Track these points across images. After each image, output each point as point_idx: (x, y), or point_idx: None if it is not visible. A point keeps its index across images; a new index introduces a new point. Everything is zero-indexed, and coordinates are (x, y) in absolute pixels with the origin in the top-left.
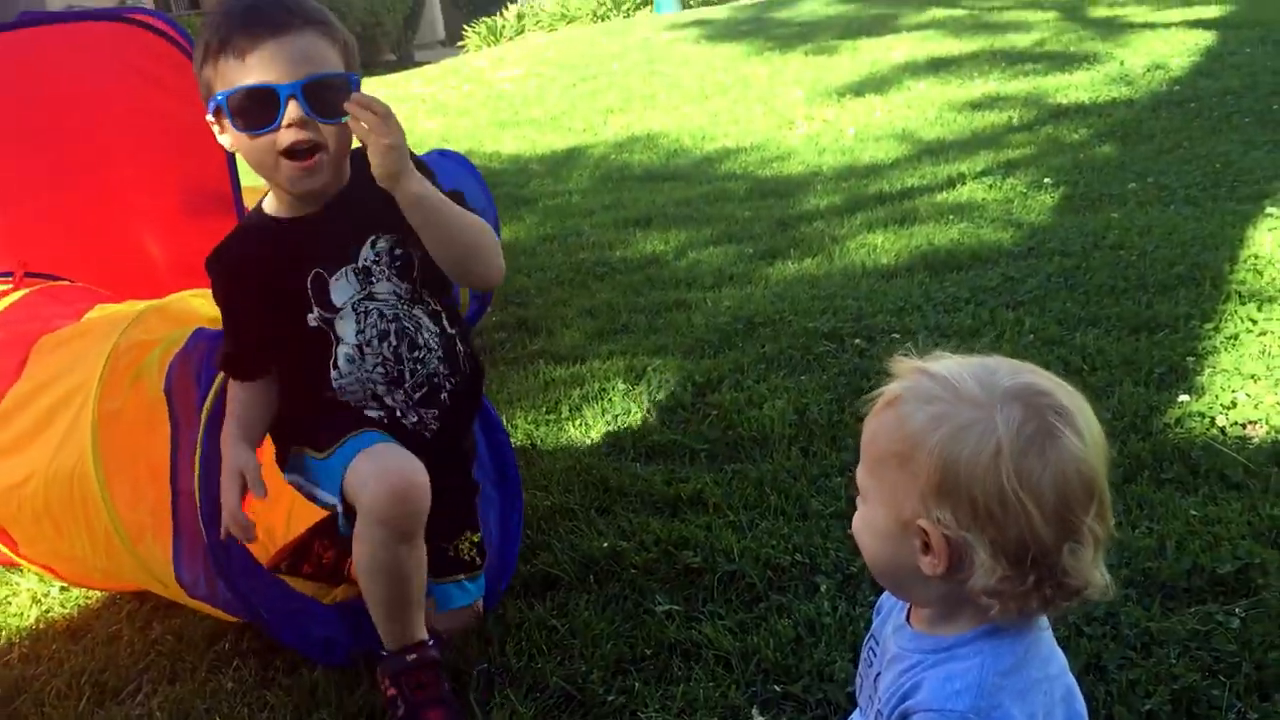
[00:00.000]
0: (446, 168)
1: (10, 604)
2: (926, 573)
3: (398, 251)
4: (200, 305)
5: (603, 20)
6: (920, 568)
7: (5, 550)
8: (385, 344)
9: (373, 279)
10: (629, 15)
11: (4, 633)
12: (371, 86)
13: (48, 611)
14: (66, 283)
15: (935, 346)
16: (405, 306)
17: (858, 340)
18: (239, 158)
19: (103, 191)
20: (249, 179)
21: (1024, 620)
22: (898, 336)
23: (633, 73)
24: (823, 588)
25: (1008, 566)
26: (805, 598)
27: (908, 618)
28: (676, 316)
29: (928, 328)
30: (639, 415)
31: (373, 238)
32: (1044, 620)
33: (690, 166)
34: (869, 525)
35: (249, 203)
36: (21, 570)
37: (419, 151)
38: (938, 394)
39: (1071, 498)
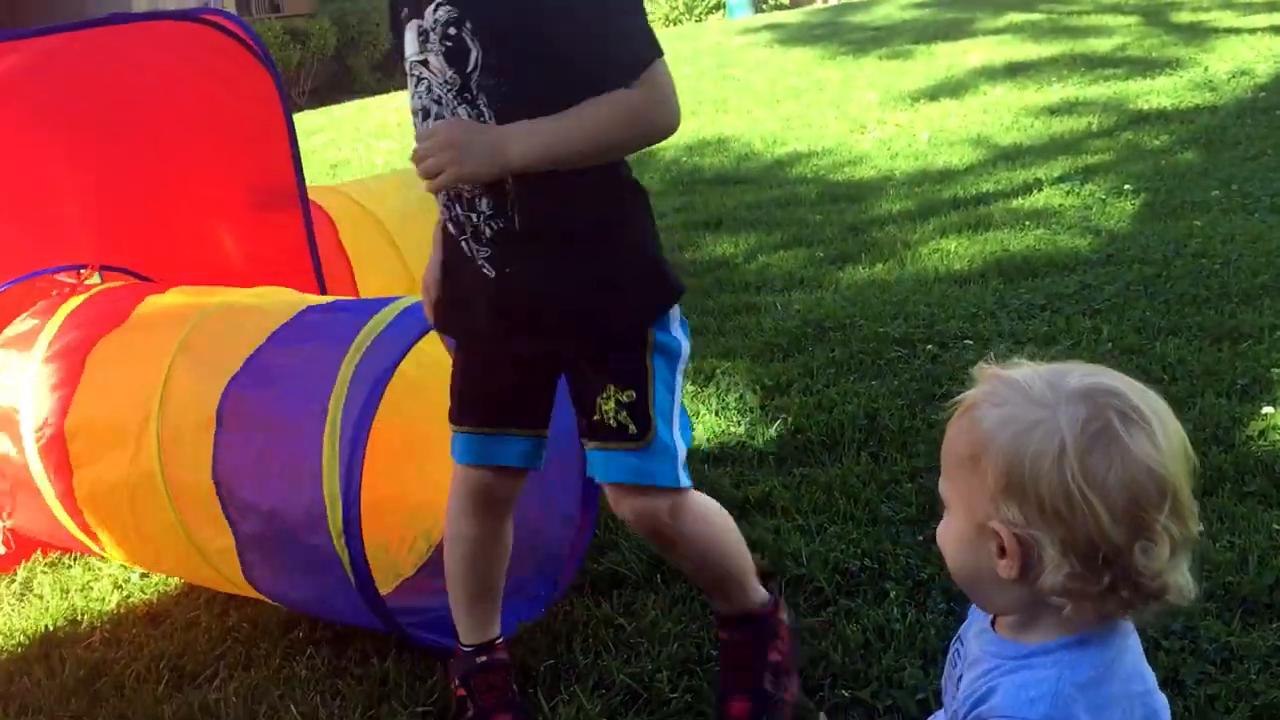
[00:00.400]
0: None
1: (93, 588)
2: (1003, 576)
3: (451, 31)
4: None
5: (675, 24)
6: (997, 572)
7: (92, 545)
8: (422, 122)
9: (429, 46)
10: (701, 20)
11: (86, 617)
12: None
13: (128, 597)
14: (133, 278)
15: (1010, 354)
16: (450, 95)
17: (930, 346)
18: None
19: (174, 187)
20: (312, 174)
21: (1104, 627)
22: (970, 343)
23: (704, 77)
24: (892, 594)
25: (1079, 565)
26: (874, 603)
27: (993, 623)
28: (746, 319)
29: (1001, 334)
30: (707, 417)
31: (436, 1)
32: (1133, 637)
33: (761, 170)
34: (949, 532)
35: (314, 198)
36: (105, 558)
37: None
38: (1008, 397)
39: (1141, 496)
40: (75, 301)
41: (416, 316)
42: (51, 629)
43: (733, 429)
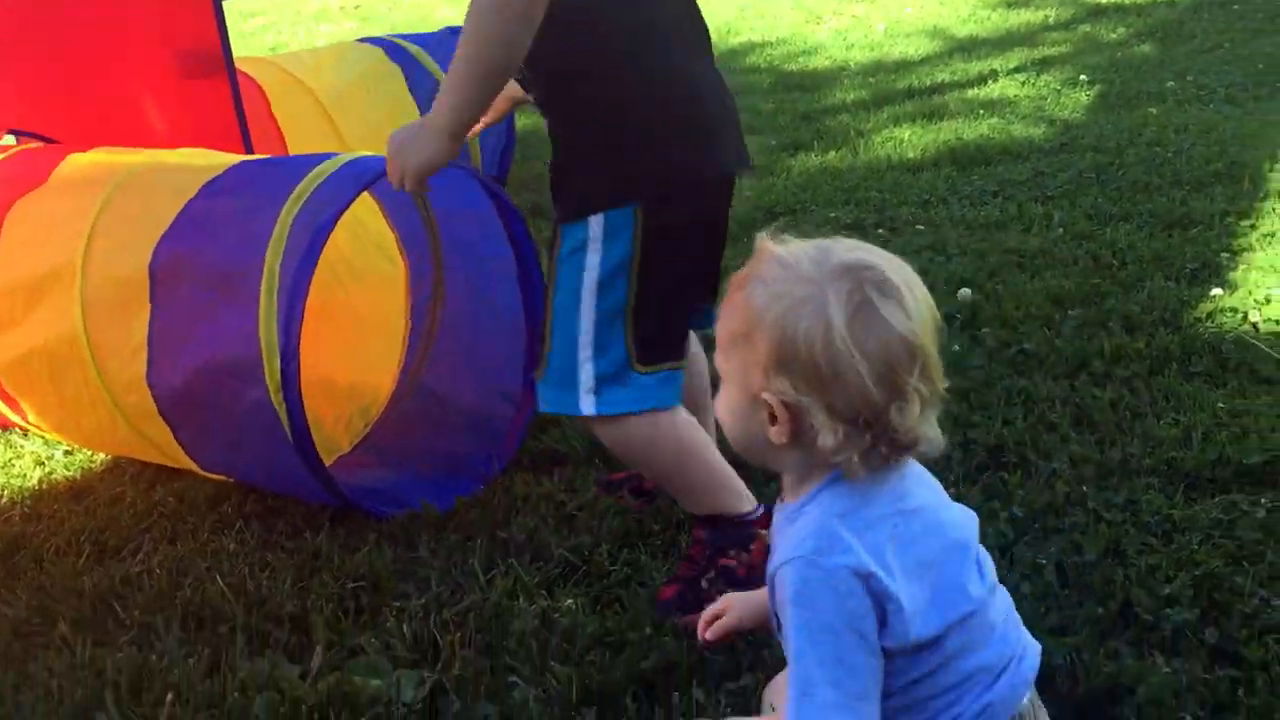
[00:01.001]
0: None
1: (14, 465)
2: (775, 442)
3: None
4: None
5: None
6: (770, 438)
7: (14, 416)
8: None
9: None
10: None
11: (6, 493)
12: None
13: (51, 474)
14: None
15: (960, 239)
16: None
17: (880, 230)
18: None
19: (92, 50)
20: (239, 47)
21: (871, 475)
22: (922, 228)
23: None
24: None
25: (844, 427)
26: None
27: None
28: None
29: (953, 220)
30: None
31: None
32: (909, 466)
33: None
34: (725, 404)
35: (244, 69)
36: (27, 434)
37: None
38: (777, 275)
39: (895, 361)
40: None
41: (359, 169)
42: None
43: None
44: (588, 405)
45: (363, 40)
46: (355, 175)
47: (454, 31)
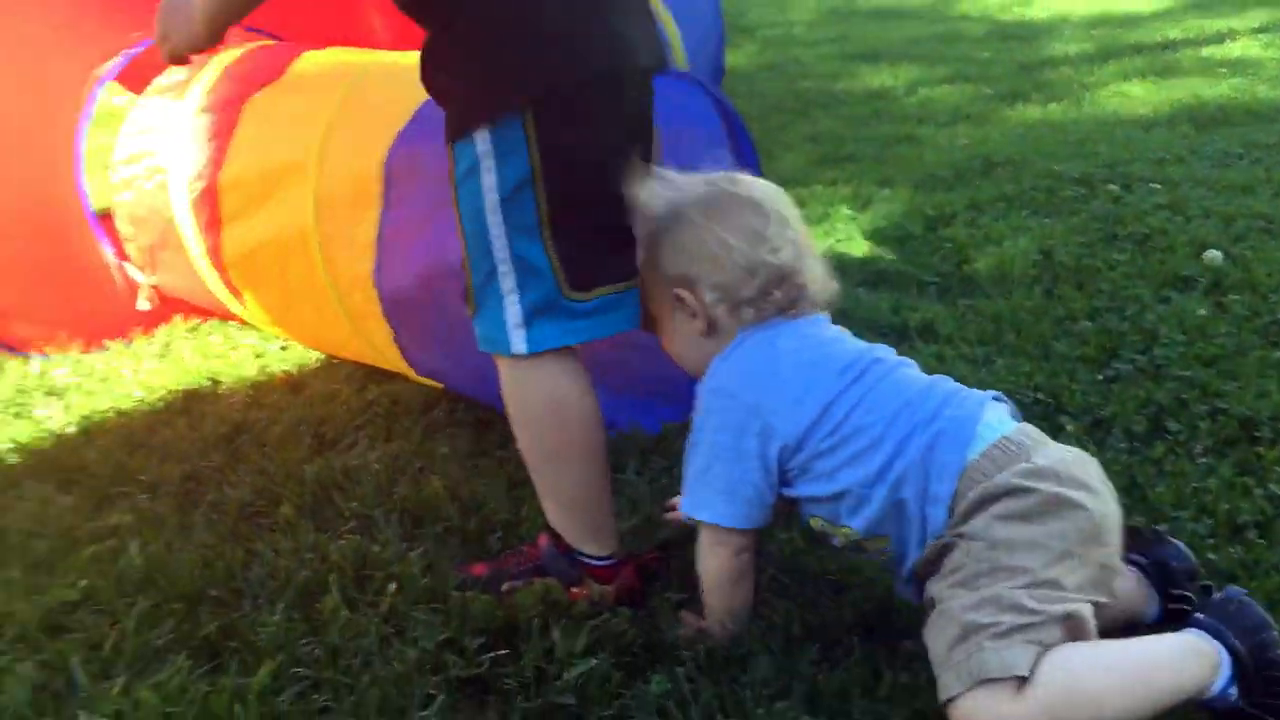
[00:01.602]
0: None
1: (232, 355)
2: (700, 334)
3: None
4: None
5: None
6: (700, 336)
7: (236, 308)
8: None
9: None
10: None
11: (226, 380)
12: None
13: (267, 366)
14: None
15: (1202, 200)
16: None
17: (1111, 186)
18: None
19: None
20: None
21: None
22: (1159, 186)
23: None
24: (1069, 428)
25: (729, 278)
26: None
27: None
28: (906, 150)
29: (1193, 180)
30: (863, 243)
31: None
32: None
33: (924, 6)
34: (663, 336)
35: None
36: (243, 327)
37: None
38: (649, 211)
39: (754, 221)
40: (230, 55)
41: None
42: (193, 388)
43: (889, 256)
44: (518, 342)
45: None
46: None
47: None
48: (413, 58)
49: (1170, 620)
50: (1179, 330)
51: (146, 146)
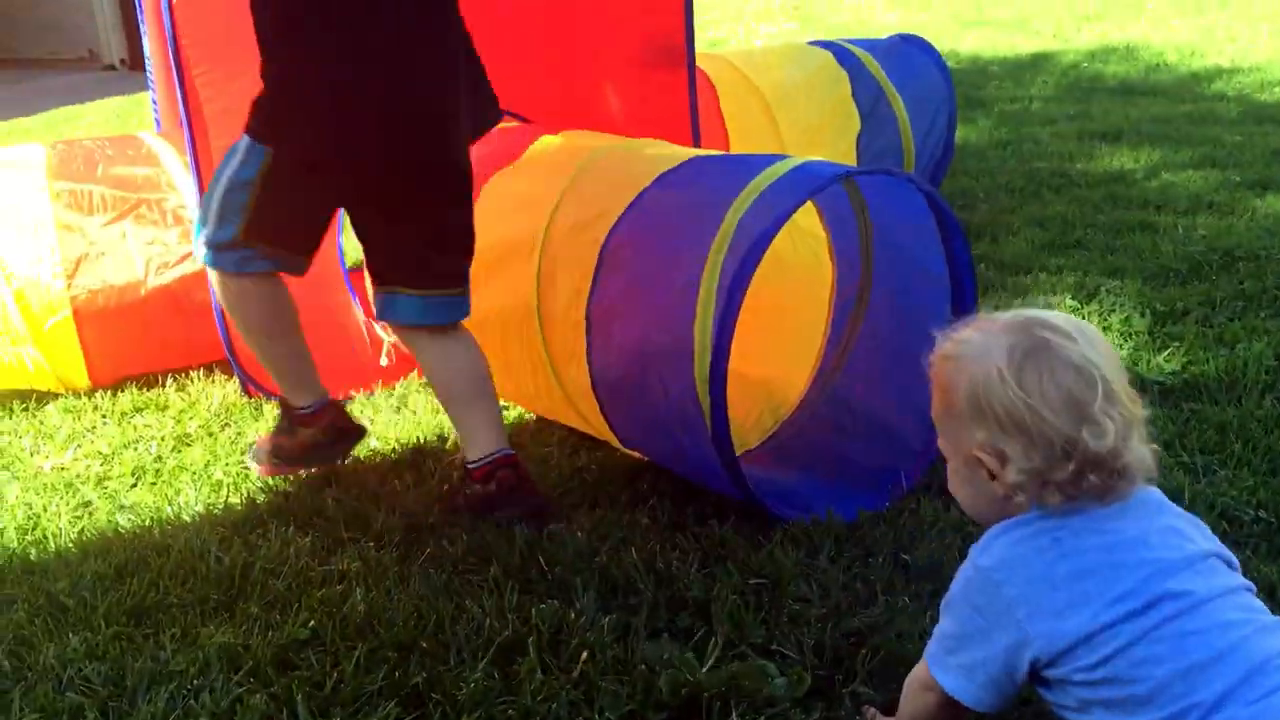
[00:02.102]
0: (908, 54)
1: None
2: (1000, 494)
3: None
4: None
5: None
6: (998, 493)
7: None
8: None
9: None
10: None
11: (452, 436)
12: None
13: None
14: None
15: None
16: None
17: None
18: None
19: (566, 36)
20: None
21: (1069, 504)
22: None
23: None
24: None
25: (1040, 460)
26: (1269, 559)
27: None
28: (1140, 239)
29: None
30: None
31: None
32: (1134, 498)
33: (1173, 83)
34: (953, 480)
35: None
36: None
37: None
38: (957, 352)
39: (1073, 389)
40: None
41: (808, 176)
42: (422, 441)
43: (1116, 350)
44: (201, 255)
45: (813, 43)
46: (804, 181)
47: (905, 39)
48: (636, 143)
49: None
50: None
51: None
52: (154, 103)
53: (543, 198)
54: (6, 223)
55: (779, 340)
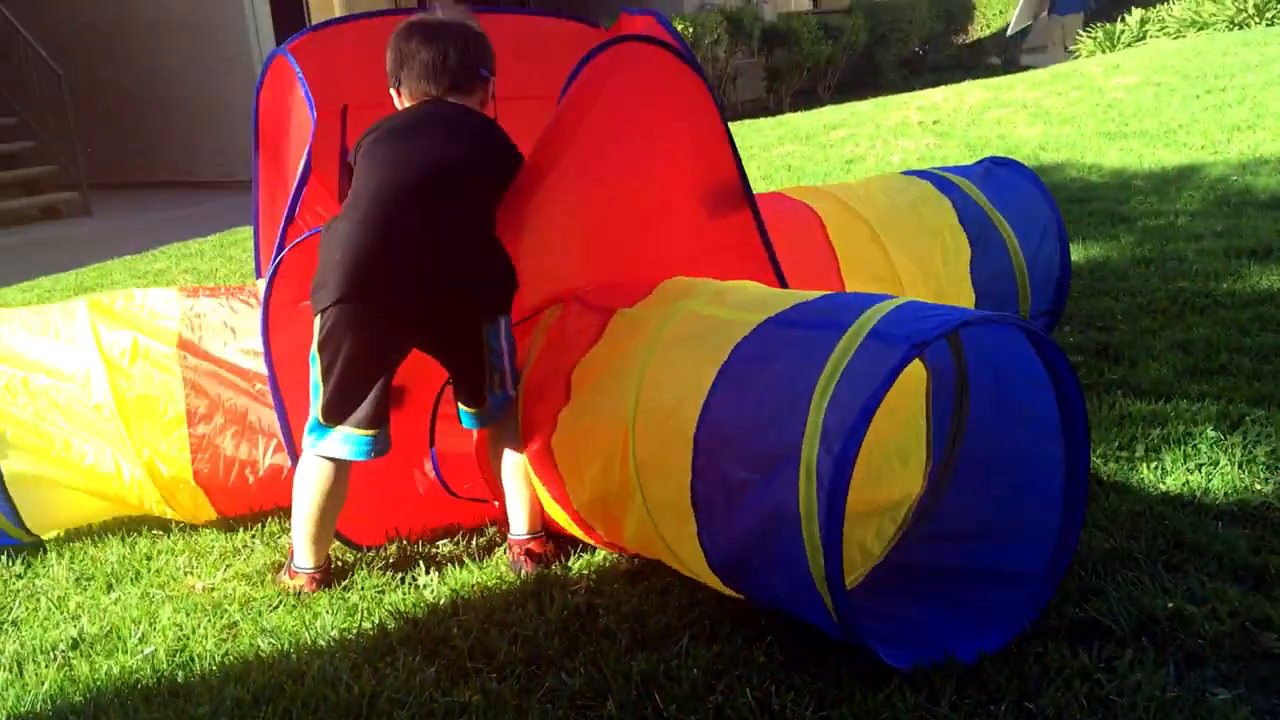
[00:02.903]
0: (1003, 177)
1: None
2: None
3: None
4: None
5: (1241, 28)
6: None
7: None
8: None
9: None
10: (1273, 24)
11: (577, 565)
12: (974, 90)
13: (616, 557)
14: None
15: None
16: None
17: None
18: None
19: (630, 209)
20: (820, 157)
21: None
22: None
23: (1271, 86)
24: None
25: None
26: None
27: None
28: None
29: None
30: (1229, 469)
31: None
32: None
33: None
34: None
35: (802, 198)
36: None
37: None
38: None
39: None
40: (551, 317)
41: (896, 334)
42: (546, 572)
43: (1257, 486)
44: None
45: (907, 173)
46: (883, 350)
47: (996, 162)
48: (713, 292)
49: None
50: None
51: None
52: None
53: (625, 387)
54: (138, 392)
55: (885, 470)
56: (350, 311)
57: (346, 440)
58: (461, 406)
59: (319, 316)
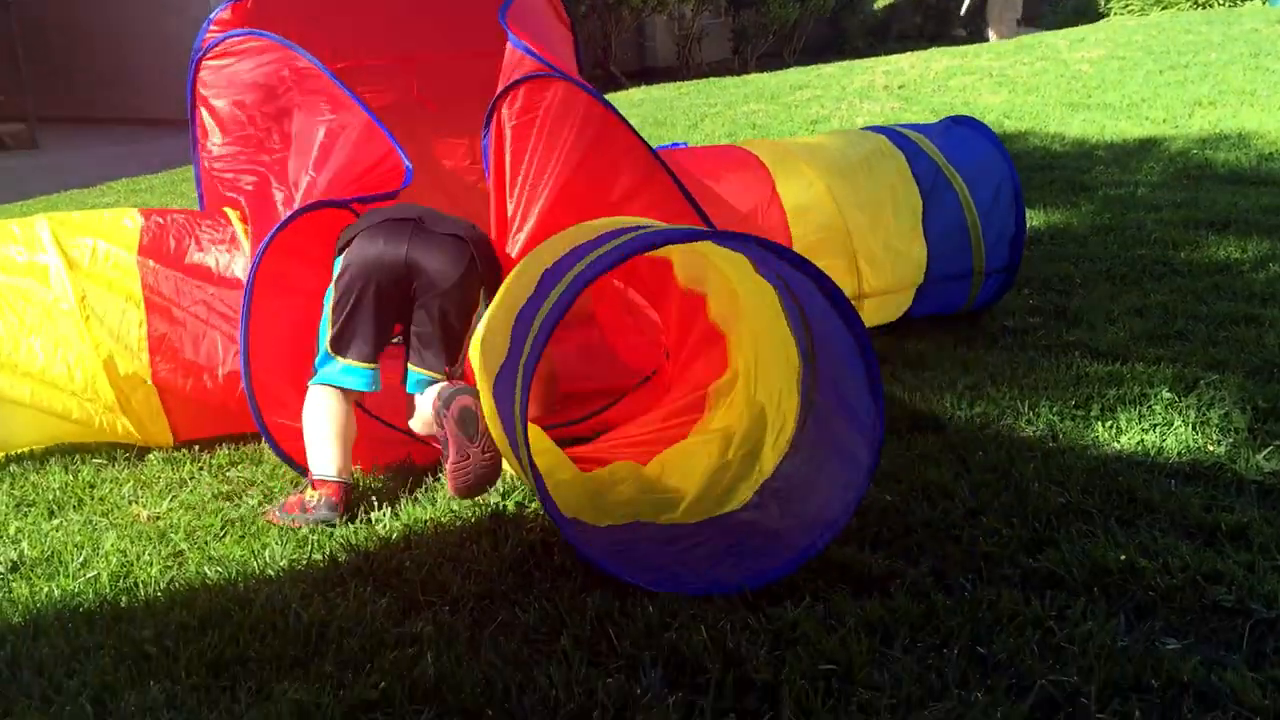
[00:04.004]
0: (959, 134)
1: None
2: None
3: None
4: None
5: (1205, 7)
6: None
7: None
8: None
9: None
10: (1236, 3)
11: (532, 507)
12: (940, 57)
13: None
14: None
15: None
16: None
17: None
18: None
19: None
20: (785, 117)
21: None
22: None
23: (1233, 65)
24: None
25: None
26: None
27: None
28: (1244, 332)
29: None
30: (1183, 430)
31: None
32: None
33: None
34: None
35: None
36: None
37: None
38: None
39: None
40: None
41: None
42: (498, 507)
43: (1210, 447)
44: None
45: (866, 128)
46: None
47: (956, 120)
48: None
49: None
50: None
51: None
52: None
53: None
54: (98, 292)
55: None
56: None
57: (347, 371)
58: (417, 369)
59: (341, 256)
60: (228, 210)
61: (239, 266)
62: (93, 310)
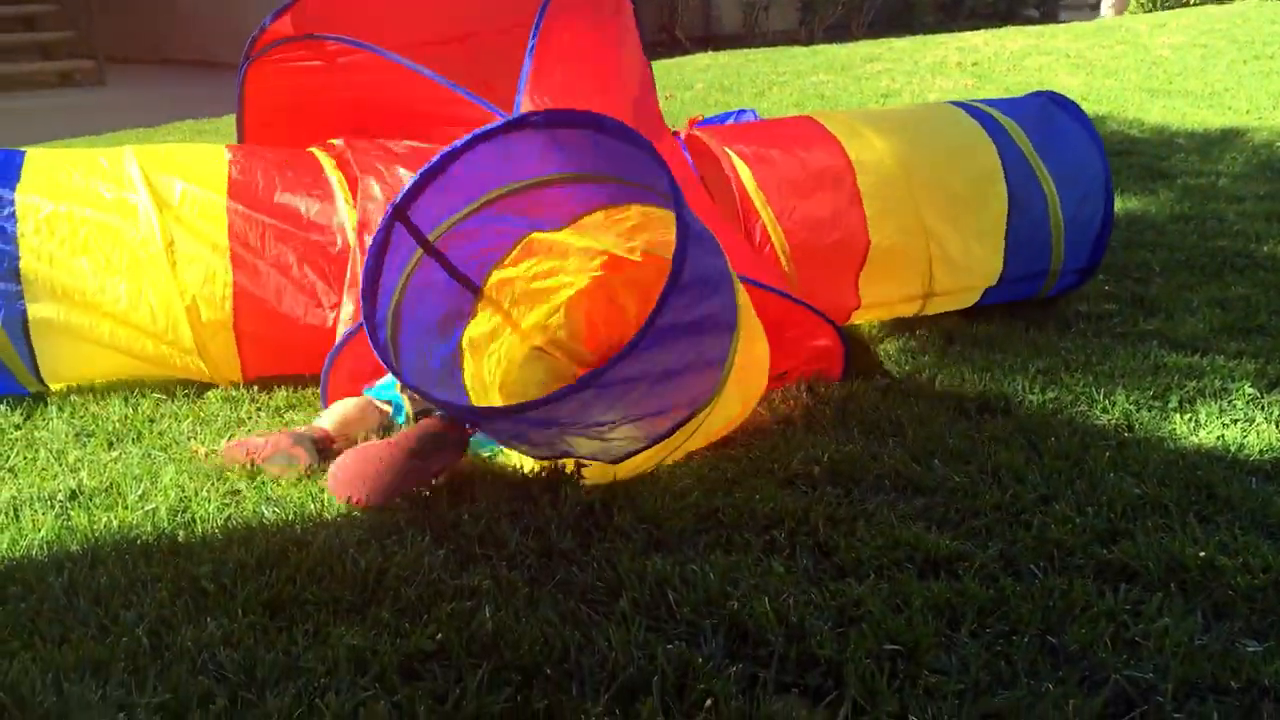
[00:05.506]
0: (1059, 123)
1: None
2: None
3: None
4: None
5: None
6: None
7: None
8: None
9: None
10: None
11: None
12: (1015, 36)
13: None
14: None
15: None
16: None
17: None
18: None
19: None
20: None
21: None
22: None
23: None
24: None
25: None
26: None
27: None
28: None
29: None
30: (1265, 428)
31: None
32: None
33: None
34: None
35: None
36: None
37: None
38: None
39: None
40: None
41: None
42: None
43: None
44: None
45: (956, 104)
46: None
47: (1055, 101)
48: None
49: None
50: None
51: None
52: None
53: None
54: (185, 238)
55: None
56: None
57: (399, 411)
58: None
59: None
60: (315, 151)
61: (330, 217)
62: (180, 256)
